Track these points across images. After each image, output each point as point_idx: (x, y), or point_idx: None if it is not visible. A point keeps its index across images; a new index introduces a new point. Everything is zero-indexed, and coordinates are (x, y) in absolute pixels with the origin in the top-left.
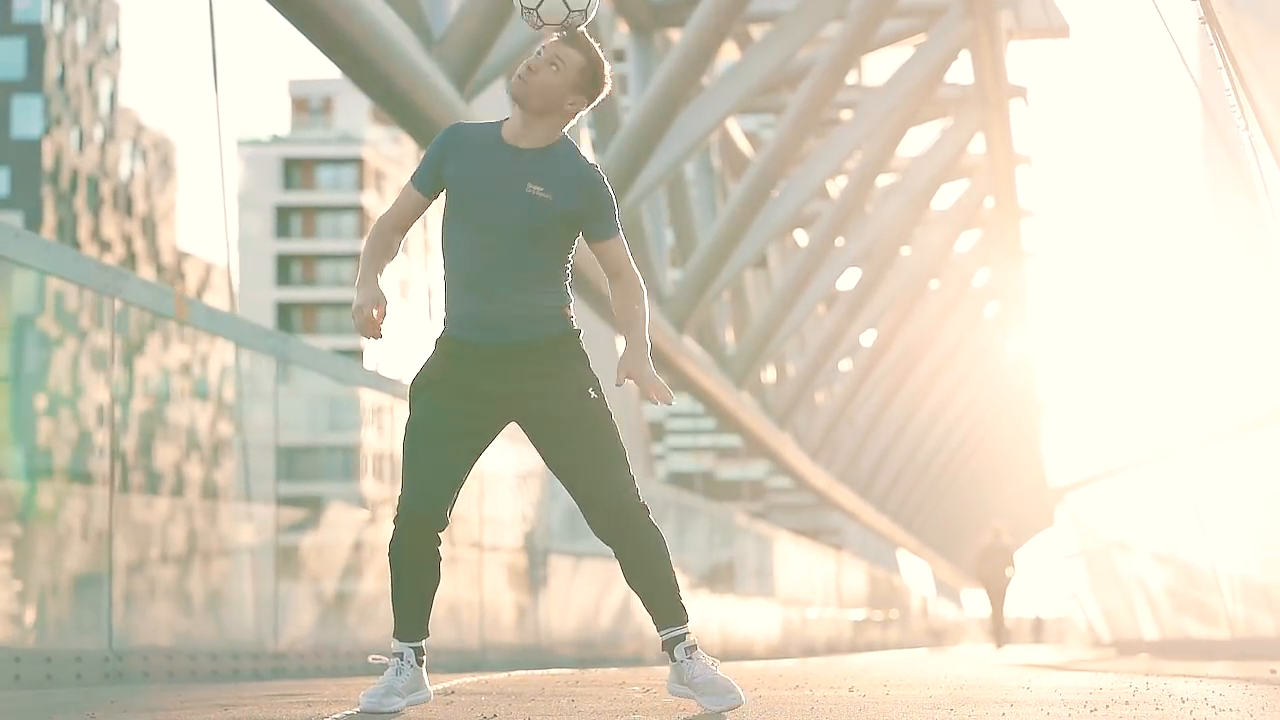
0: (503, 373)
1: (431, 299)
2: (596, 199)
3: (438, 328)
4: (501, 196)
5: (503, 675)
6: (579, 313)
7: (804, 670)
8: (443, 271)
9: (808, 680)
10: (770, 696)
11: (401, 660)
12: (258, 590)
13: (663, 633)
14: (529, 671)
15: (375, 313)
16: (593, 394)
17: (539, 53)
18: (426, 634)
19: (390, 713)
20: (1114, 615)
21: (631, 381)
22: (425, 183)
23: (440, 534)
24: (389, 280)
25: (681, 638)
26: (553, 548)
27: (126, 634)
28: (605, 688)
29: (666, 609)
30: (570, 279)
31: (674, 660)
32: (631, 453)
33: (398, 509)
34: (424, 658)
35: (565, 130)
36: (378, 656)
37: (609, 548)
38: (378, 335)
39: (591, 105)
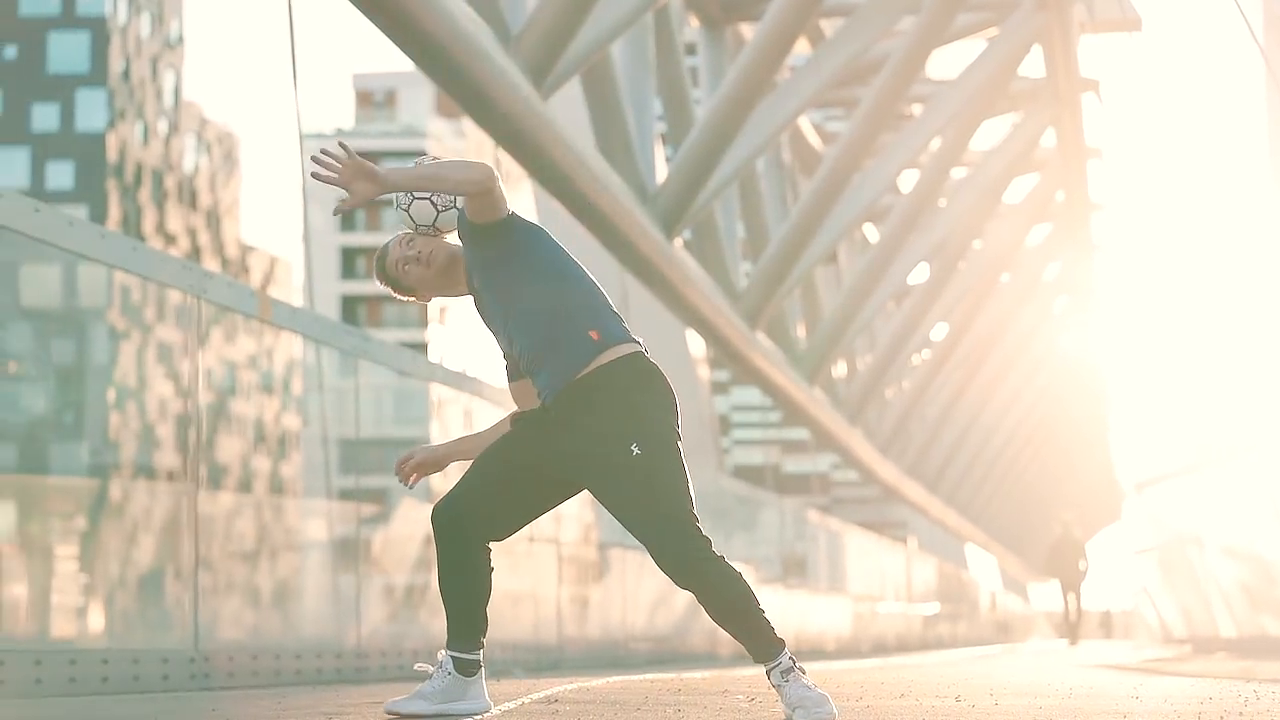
0: (558, 437)
1: None
2: (459, 224)
3: None
4: (478, 301)
5: (602, 682)
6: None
7: (903, 677)
8: None
9: (911, 689)
10: (878, 706)
11: (441, 668)
12: (338, 586)
13: (762, 667)
14: (628, 677)
15: (413, 464)
16: (635, 450)
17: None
18: (474, 644)
19: (409, 714)
20: (1188, 611)
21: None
22: None
23: (481, 543)
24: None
25: (777, 665)
26: (621, 542)
27: (212, 633)
28: (708, 695)
29: (758, 647)
30: (592, 303)
31: (772, 685)
32: (701, 446)
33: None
34: (475, 670)
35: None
36: (423, 666)
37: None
38: (404, 482)
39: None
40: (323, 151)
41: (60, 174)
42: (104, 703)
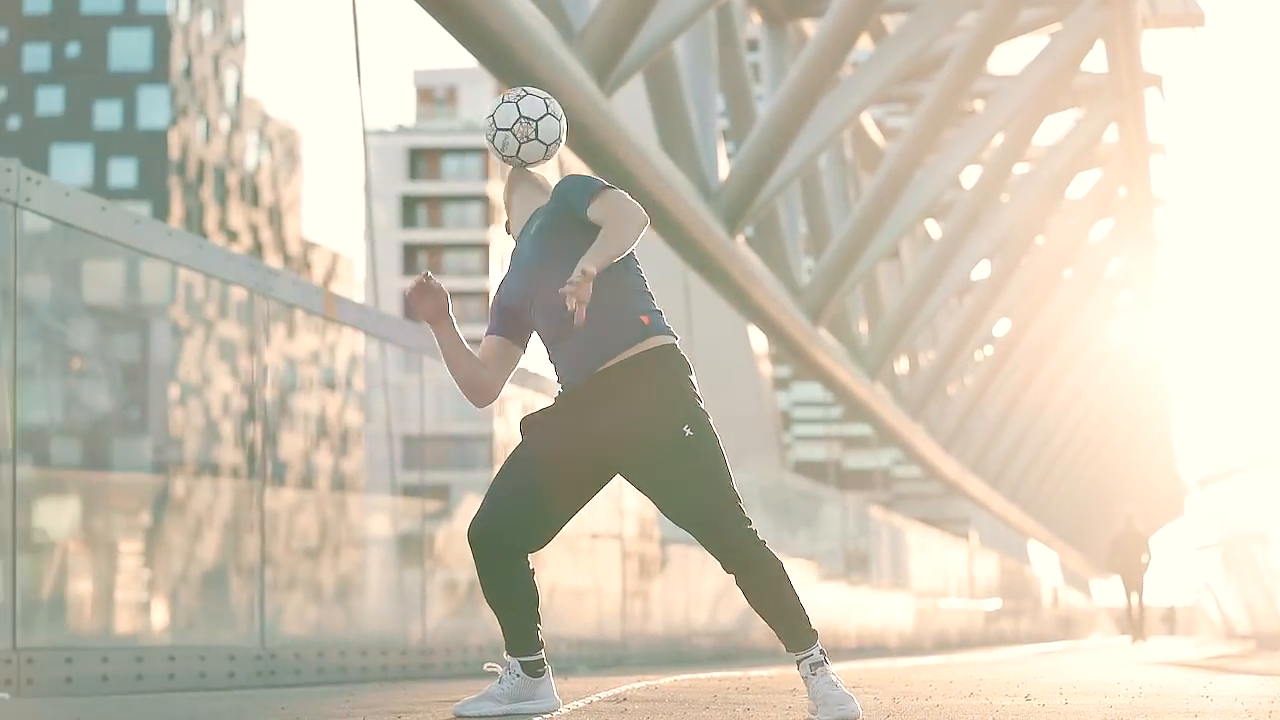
0: (597, 418)
1: None
2: (564, 193)
3: None
4: (526, 254)
5: (670, 680)
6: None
7: (971, 675)
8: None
9: (980, 687)
10: (948, 705)
11: (509, 670)
12: (402, 582)
13: (793, 656)
14: (695, 675)
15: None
16: (689, 431)
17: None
18: (533, 648)
19: (477, 715)
20: (1252, 607)
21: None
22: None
23: (521, 555)
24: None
25: (808, 656)
26: (683, 538)
27: (277, 630)
28: (776, 694)
29: (794, 636)
30: (644, 289)
31: (801, 677)
32: (763, 442)
33: (468, 528)
34: (541, 670)
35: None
36: (492, 666)
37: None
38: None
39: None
40: (570, 283)
41: (123, 171)
42: (173, 700)
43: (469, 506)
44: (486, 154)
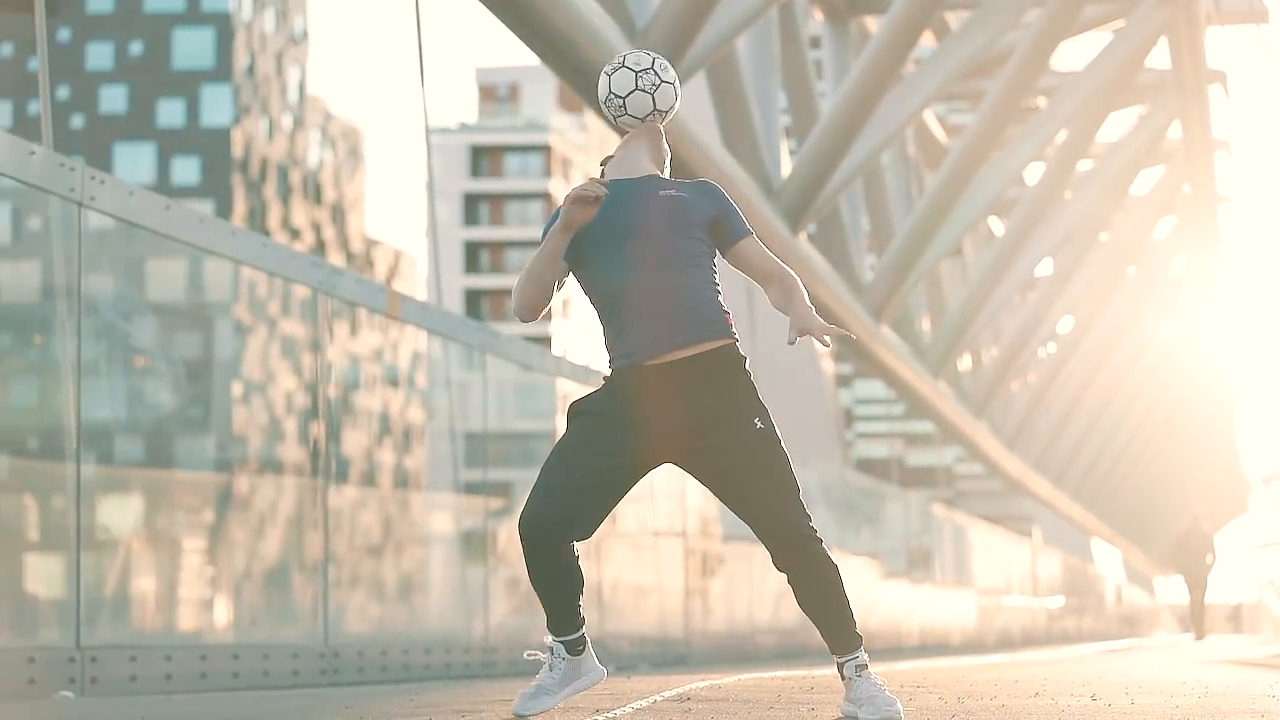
0: (666, 404)
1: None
2: (722, 199)
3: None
4: (636, 203)
5: (733, 679)
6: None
7: (1036, 674)
8: (599, 324)
9: (1045, 687)
10: (1013, 705)
11: (554, 655)
12: (465, 580)
13: (837, 658)
14: (759, 674)
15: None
16: (759, 424)
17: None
18: (577, 627)
19: (540, 713)
20: None
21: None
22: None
23: (569, 543)
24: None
25: (854, 658)
26: (744, 535)
27: (340, 628)
28: (840, 695)
29: (841, 638)
30: (719, 287)
31: (844, 678)
32: (825, 439)
33: (520, 516)
34: (582, 646)
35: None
36: (533, 653)
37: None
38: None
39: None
40: (829, 336)
41: (186, 169)
42: (236, 700)
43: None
44: (548, 151)
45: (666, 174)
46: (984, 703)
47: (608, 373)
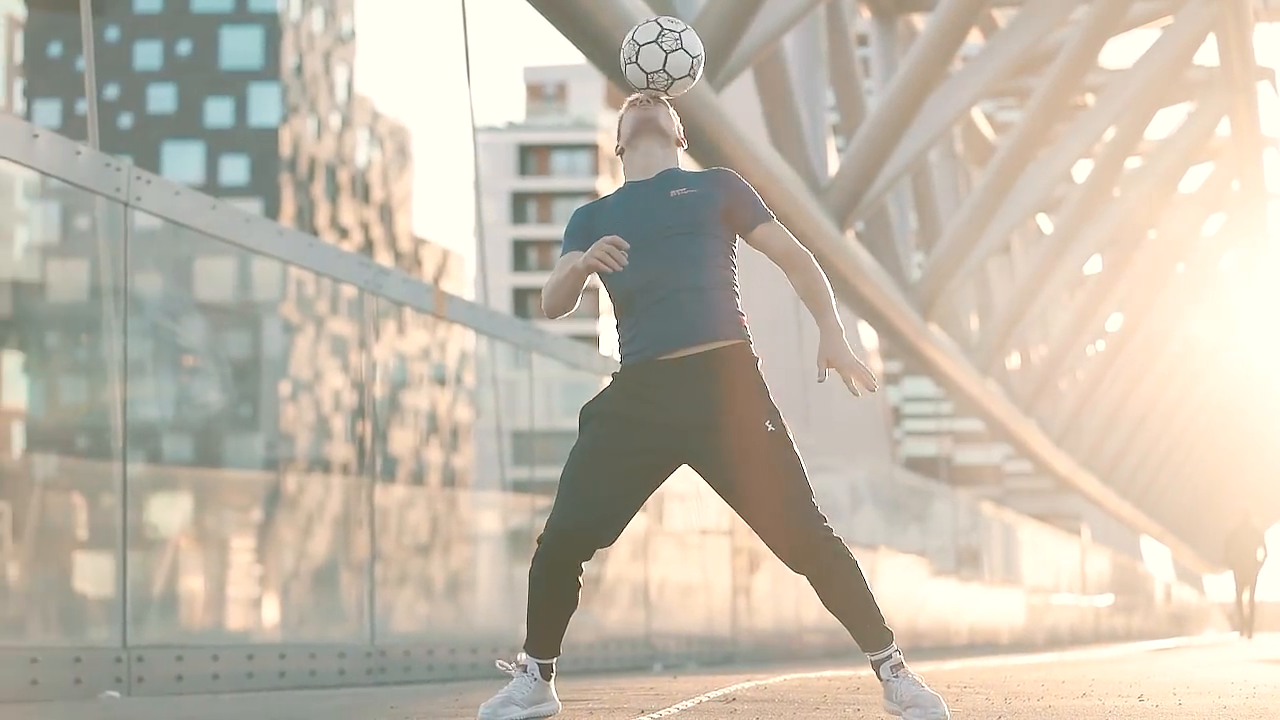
0: (676, 401)
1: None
2: (737, 185)
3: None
4: (650, 207)
5: (779, 679)
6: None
7: (1083, 674)
8: (615, 318)
9: (1093, 687)
10: (1060, 706)
11: (525, 673)
12: (512, 579)
13: (869, 655)
14: (805, 675)
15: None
16: (770, 427)
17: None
18: (557, 653)
19: None
20: None
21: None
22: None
23: (584, 561)
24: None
25: (888, 658)
26: None
27: (387, 627)
28: None
29: (869, 634)
30: (738, 289)
31: (881, 679)
32: (873, 437)
33: (545, 528)
34: (551, 674)
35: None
36: (504, 663)
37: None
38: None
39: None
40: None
41: (234, 169)
42: (283, 699)
43: None
44: (596, 149)
45: (681, 153)
46: (1031, 703)
47: (618, 369)
